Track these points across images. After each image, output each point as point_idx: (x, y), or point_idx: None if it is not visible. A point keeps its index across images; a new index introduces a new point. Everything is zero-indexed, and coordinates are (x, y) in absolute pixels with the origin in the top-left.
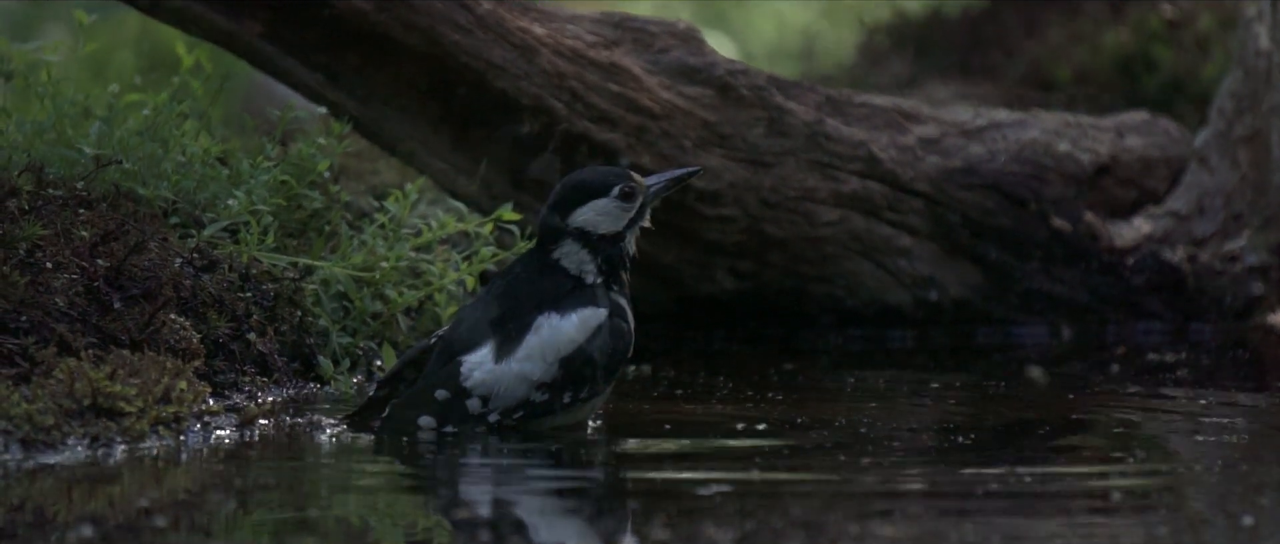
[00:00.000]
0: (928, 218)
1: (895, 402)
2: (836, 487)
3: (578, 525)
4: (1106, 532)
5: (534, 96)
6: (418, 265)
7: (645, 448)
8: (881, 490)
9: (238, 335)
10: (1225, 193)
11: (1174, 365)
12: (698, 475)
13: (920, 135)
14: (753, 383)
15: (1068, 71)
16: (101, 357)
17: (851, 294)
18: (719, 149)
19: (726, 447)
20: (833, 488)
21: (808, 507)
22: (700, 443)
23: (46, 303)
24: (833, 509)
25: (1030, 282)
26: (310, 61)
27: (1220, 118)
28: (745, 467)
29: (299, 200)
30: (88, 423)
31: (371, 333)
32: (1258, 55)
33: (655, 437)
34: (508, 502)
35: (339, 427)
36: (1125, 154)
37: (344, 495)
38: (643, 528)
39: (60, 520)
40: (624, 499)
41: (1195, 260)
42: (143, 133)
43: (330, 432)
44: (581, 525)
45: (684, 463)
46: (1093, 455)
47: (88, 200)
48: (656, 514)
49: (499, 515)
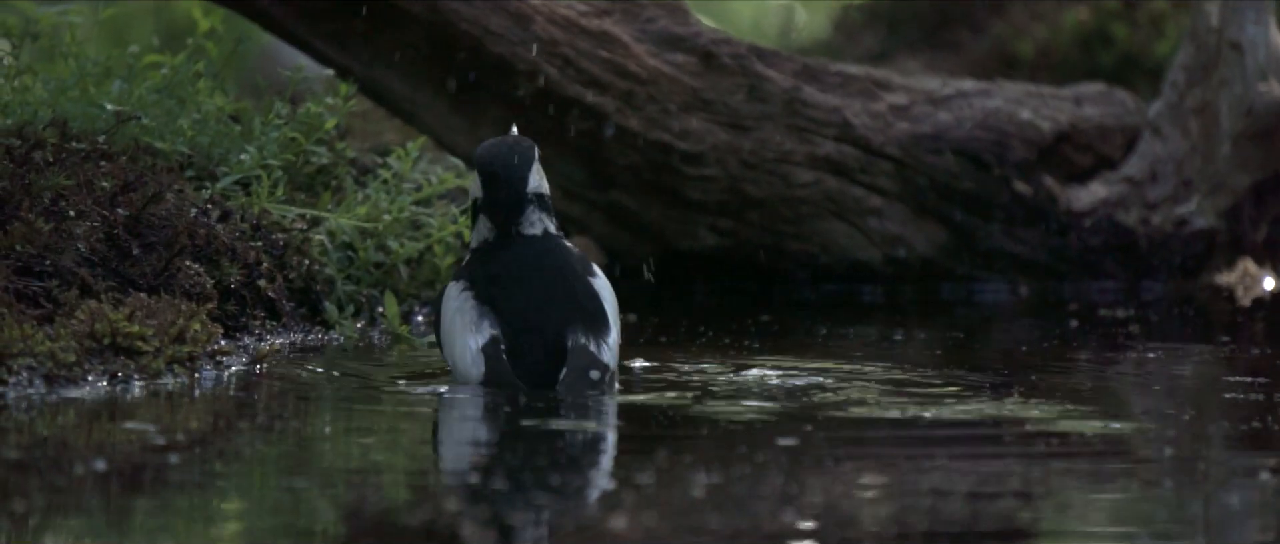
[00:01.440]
0: (897, 180)
1: (864, 350)
2: (806, 432)
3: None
4: (1061, 475)
5: (529, 61)
6: (418, 218)
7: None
8: (853, 436)
9: (249, 282)
10: (1177, 160)
11: (1125, 321)
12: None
13: (891, 103)
14: (731, 332)
15: (1030, 47)
16: (120, 299)
17: (825, 251)
18: (702, 113)
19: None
20: (804, 431)
21: (780, 451)
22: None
23: (70, 248)
24: (805, 451)
25: (992, 241)
26: (319, 27)
27: (1173, 90)
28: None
29: (307, 156)
30: (107, 360)
31: (374, 281)
32: (1208, 32)
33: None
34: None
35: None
36: (1083, 122)
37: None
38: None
39: (78, 453)
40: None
41: (1148, 223)
42: (161, 91)
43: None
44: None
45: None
46: (1047, 403)
47: (108, 153)
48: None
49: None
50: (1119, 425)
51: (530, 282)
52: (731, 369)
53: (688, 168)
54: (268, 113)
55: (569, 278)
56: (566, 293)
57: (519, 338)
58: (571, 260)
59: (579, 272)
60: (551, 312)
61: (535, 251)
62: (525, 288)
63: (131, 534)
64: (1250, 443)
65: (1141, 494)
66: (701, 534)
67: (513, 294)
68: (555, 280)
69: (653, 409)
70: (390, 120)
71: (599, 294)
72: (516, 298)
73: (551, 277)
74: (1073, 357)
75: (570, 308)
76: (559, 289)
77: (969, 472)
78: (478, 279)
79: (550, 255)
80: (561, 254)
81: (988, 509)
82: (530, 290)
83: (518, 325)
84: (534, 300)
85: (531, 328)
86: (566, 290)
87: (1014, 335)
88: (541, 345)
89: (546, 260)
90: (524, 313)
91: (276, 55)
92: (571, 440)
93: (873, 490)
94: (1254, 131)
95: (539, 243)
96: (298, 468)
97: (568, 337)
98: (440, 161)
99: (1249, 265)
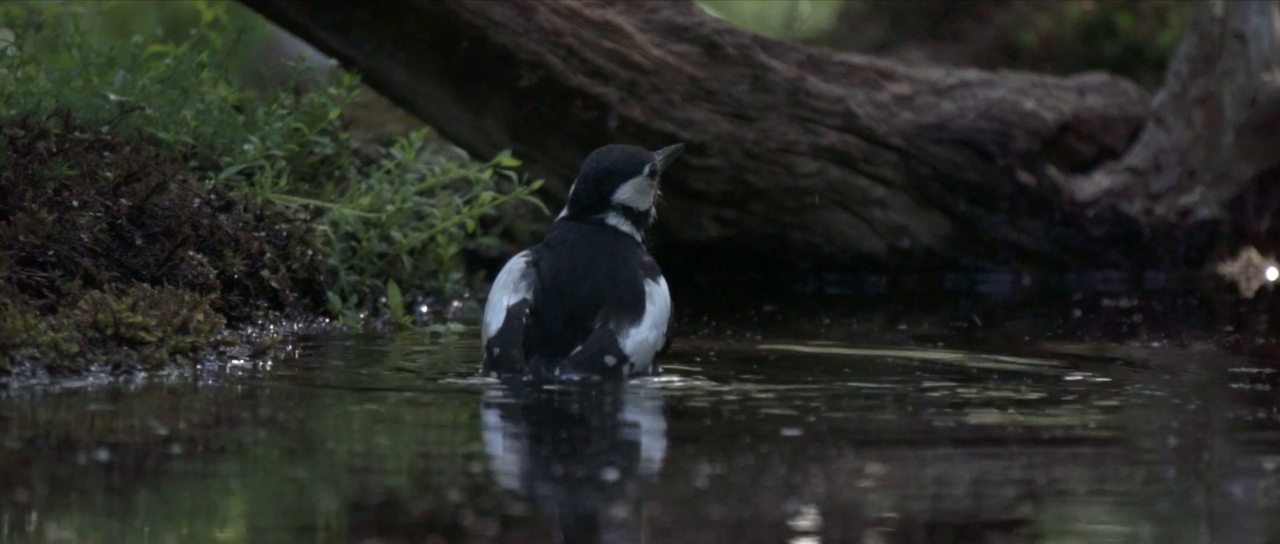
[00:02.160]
0: (901, 170)
1: (866, 342)
2: (809, 424)
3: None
4: (1066, 468)
5: (532, 52)
6: (421, 208)
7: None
8: (856, 428)
9: (252, 272)
10: (1180, 150)
11: (1129, 312)
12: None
13: (895, 93)
14: (733, 322)
15: (1033, 37)
16: (124, 289)
17: (828, 241)
18: (706, 103)
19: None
20: (805, 423)
21: (784, 442)
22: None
23: (73, 239)
24: (809, 443)
25: (996, 232)
26: (322, 17)
27: (1176, 80)
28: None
29: (310, 146)
30: (110, 351)
31: (377, 271)
32: (1212, 22)
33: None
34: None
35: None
36: (1087, 112)
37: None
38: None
39: (80, 443)
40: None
41: (1151, 213)
42: (164, 82)
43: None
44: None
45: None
46: (1051, 395)
47: (112, 144)
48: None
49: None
50: (1124, 415)
51: (579, 253)
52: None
53: (691, 158)
54: (271, 103)
55: (619, 266)
56: (610, 277)
57: (546, 299)
58: (633, 257)
59: (634, 266)
60: (585, 285)
61: (604, 237)
62: (571, 257)
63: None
64: (1255, 434)
65: (1144, 487)
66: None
67: (559, 259)
68: (603, 262)
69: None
70: (393, 110)
71: (645, 292)
72: (560, 264)
73: (602, 257)
74: (1077, 346)
75: (607, 289)
76: (603, 271)
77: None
78: (540, 247)
79: (614, 243)
80: (625, 247)
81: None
82: (574, 260)
83: (549, 285)
84: (576, 269)
85: (561, 293)
86: (610, 274)
87: (1018, 325)
88: (563, 314)
89: (606, 244)
90: (558, 276)
91: (280, 46)
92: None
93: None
94: (1257, 122)
95: (611, 232)
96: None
97: (597, 318)
98: (444, 152)
99: (1253, 255)
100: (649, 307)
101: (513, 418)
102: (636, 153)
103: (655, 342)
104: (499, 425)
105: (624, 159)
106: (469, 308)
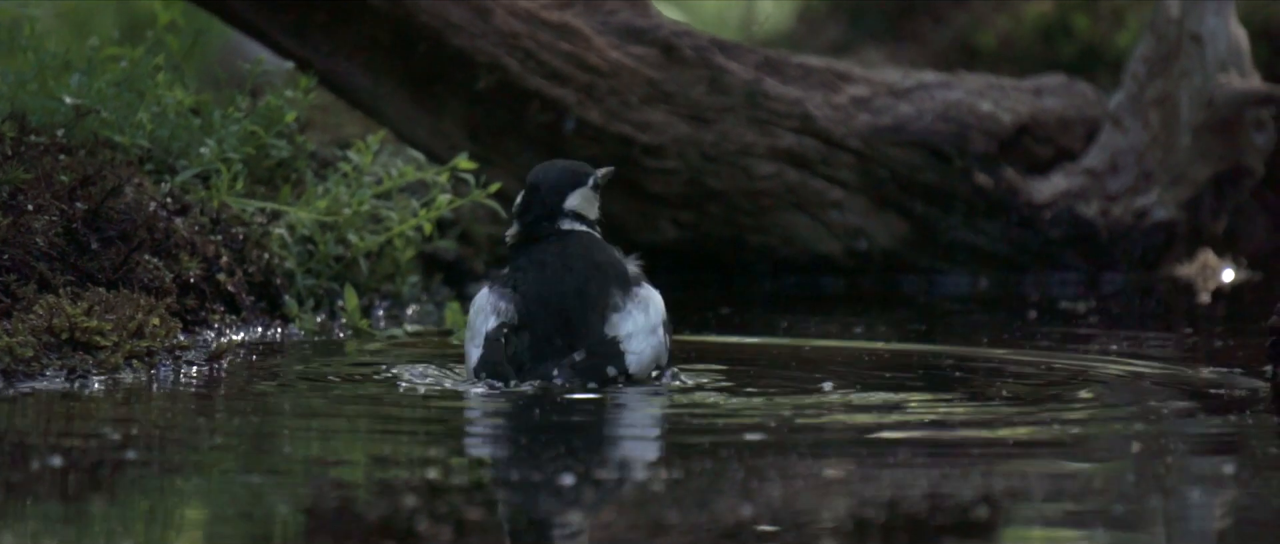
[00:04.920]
0: (858, 172)
1: (823, 344)
2: (770, 429)
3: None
4: (1023, 473)
5: (489, 54)
6: (378, 211)
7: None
8: (810, 429)
9: (208, 276)
10: (1137, 151)
11: (1086, 314)
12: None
13: (852, 95)
14: (691, 324)
15: (991, 38)
16: (79, 294)
17: (786, 243)
18: (663, 105)
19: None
20: (763, 428)
21: (750, 448)
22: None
23: (28, 243)
24: (770, 448)
25: (954, 233)
26: (279, 19)
27: (1133, 81)
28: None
29: (267, 149)
30: (65, 355)
31: (334, 275)
32: (1169, 23)
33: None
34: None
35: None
36: (1044, 114)
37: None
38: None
39: (35, 448)
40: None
41: (1108, 215)
42: (120, 84)
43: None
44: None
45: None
46: (1008, 398)
47: (67, 147)
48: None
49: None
50: (1083, 417)
51: (554, 261)
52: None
53: (649, 160)
54: (228, 106)
55: (603, 262)
56: (597, 274)
57: (533, 309)
58: (610, 251)
59: (617, 262)
60: (571, 289)
61: (571, 240)
62: (551, 266)
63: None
64: (1211, 437)
65: (1102, 491)
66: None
67: (540, 273)
68: (580, 262)
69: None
70: (351, 113)
71: (636, 292)
72: (544, 277)
73: (578, 258)
74: (1034, 348)
75: (596, 289)
76: (586, 270)
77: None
78: (510, 271)
79: (587, 244)
80: (597, 244)
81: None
82: (554, 269)
83: (533, 297)
84: (561, 277)
85: (549, 303)
86: (597, 271)
87: (976, 328)
88: (557, 320)
89: (576, 246)
90: (543, 289)
91: (237, 48)
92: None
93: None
94: (1214, 123)
95: (575, 236)
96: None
97: (592, 321)
98: (401, 154)
99: (1209, 257)
100: (644, 313)
101: (473, 423)
102: (579, 166)
103: (656, 347)
104: (459, 430)
105: (568, 170)
106: (426, 311)
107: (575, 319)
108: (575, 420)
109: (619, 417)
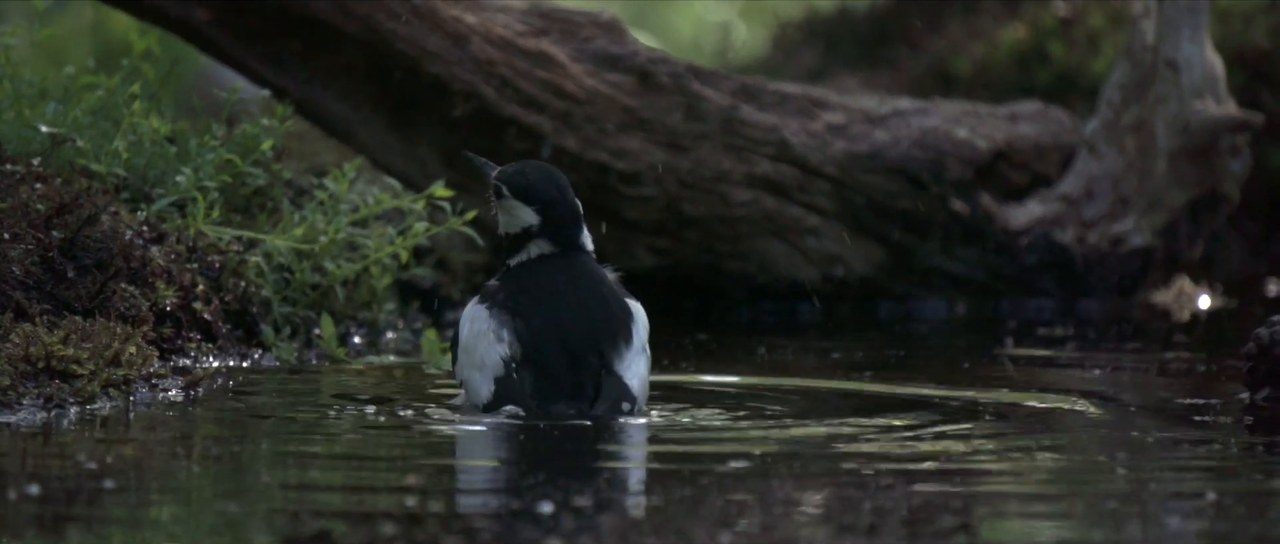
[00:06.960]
0: (835, 199)
1: (800, 372)
2: (750, 456)
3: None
4: (1002, 497)
5: (466, 82)
6: (355, 239)
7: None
8: (786, 455)
9: (184, 304)
10: (1113, 178)
11: (1063, 340)
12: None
13: (829, 121)
14: (669, 352)
15: (967, 65)
16: (55, 322)
17: (763, 270)
18: (639, 133)
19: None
20: (742, 455)
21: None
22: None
23: (4, 271)
24: (753, 475)
25: (930, 260)
26: (255, 47)
27: (1108, 108)
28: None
29: (243, 178)
30: (42, 384)
31: (311, 303)
32: (1144, 50)
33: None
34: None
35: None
36: (1020, 141)
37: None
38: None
39: (11, 477)
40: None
41: (1084, 241)
42: (96, 113)
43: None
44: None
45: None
46: (986, 421)
47: (44, 176)
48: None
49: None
50: (1060, 442)
51: (571, 293)
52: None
53: (625, 188)
54: (204, 134)
55: (608, 296)
56: (604, 310)
57: (543, 345)
58: (609, 281)
59: (617, 292)
60: (583, 324)
61: (585, 267)
62: (561, 299)
63: None
64: (1189, 461)
65: (1084, 515)
66: None
67: (548, 302)
68: (595, 295)
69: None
70: (327, 141)
71: (632, 318)
72: (552, 306)
73: (594, 291)
74: (1011, 373)
75: (605, 325)
76: (597, 305)
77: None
78: (510, 293)
79: (596, 273)
80: (601, 275)
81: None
82: (566, 302)
83: (539, 329)
84: (570, 311)
85: (559, 337)
86: (604, 308)
87: (953, 355)
88: (566, 357)
89: (592, 275)
90: (550, 322)
91: (213, 76)
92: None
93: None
94: (1190, 149)
95: (588, 259)
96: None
97: (601, 356)
98: (377, 182)
99: (1185, 283)
100: (635, 332)
101: (450, 451)
102: (546, 164)
103: (645, 364)
104: (436, 458)
105: (560, 177)
106: (403, 339)
107: (584, 359)
108: (567, 448)
109: (603, 444)
